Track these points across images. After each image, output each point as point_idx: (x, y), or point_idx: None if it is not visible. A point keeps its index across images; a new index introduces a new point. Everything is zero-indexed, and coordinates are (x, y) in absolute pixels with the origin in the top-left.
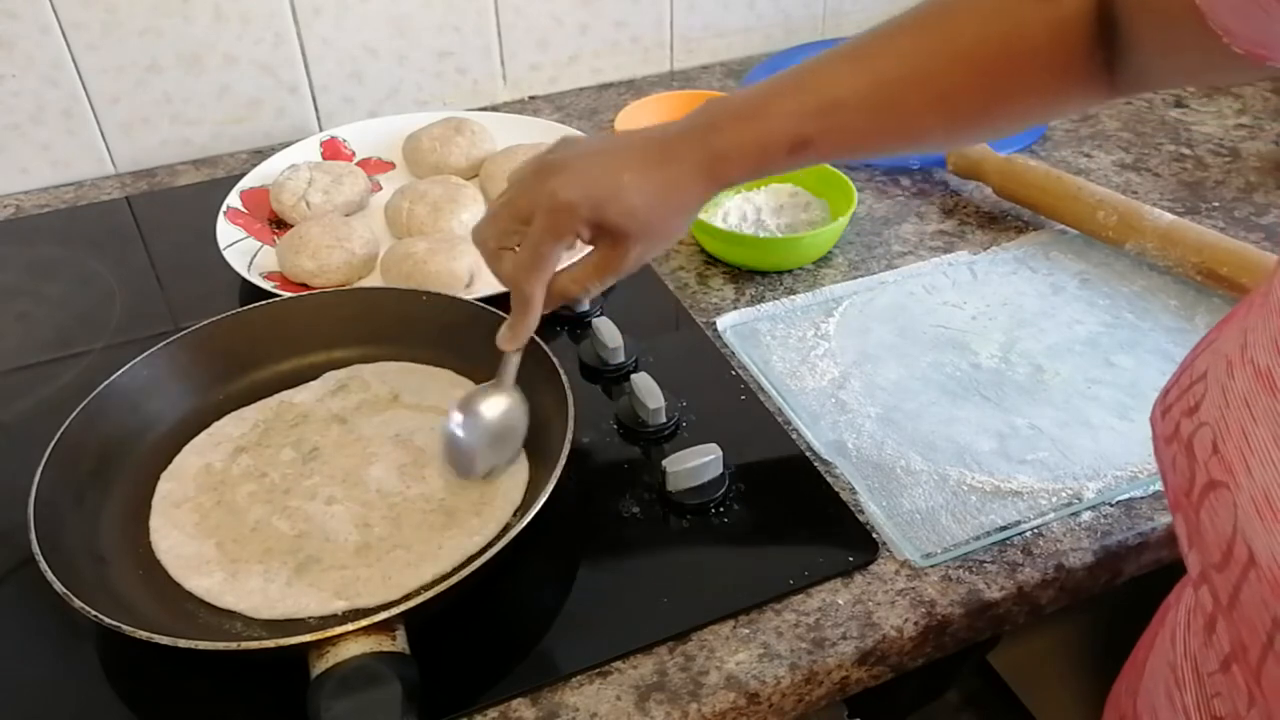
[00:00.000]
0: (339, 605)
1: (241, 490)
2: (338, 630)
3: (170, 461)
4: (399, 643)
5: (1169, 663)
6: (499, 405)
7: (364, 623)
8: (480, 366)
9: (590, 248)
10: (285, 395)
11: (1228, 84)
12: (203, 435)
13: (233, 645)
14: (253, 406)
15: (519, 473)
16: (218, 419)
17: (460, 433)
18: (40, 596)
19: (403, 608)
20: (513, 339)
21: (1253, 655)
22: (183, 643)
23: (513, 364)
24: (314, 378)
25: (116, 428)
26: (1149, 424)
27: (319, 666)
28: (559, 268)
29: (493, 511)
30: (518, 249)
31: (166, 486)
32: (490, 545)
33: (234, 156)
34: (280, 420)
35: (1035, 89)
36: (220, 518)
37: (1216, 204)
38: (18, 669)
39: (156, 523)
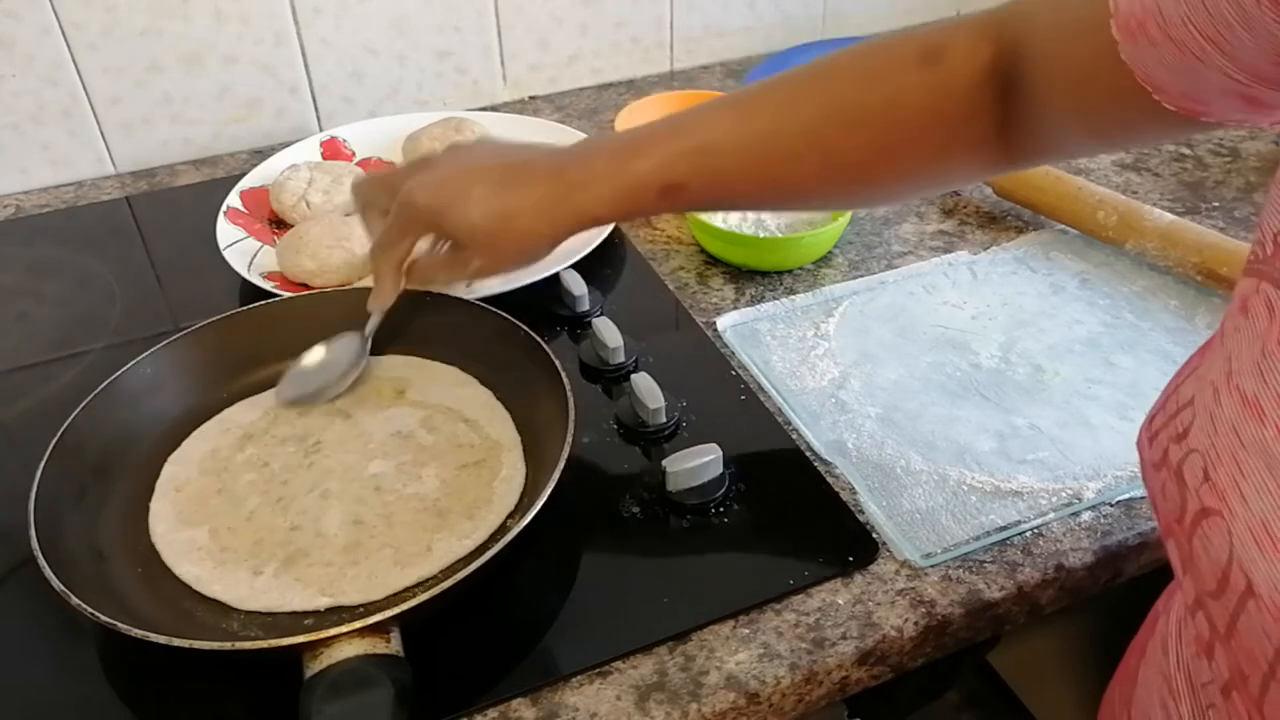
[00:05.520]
0: (323, 601)
1: (242, 478)
2: (332, 631)
3: (176, 449)
4: (393, 645)
5: (1162, 673)
6: (319, 352)
7: (358, 624)
8: (483, 365)
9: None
10: None
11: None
12: (213, 421)
13: (227, 645)
14: (262, 395)
15: (516, 473)
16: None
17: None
18: (40, 596)
19: (396, 609)
20: (371, 300)
21: (1254, 685)
22: (178, 641)
23: (371, 323)
24: None
25: (119, 425)
26: (1136, 448)
27: (312, 668)
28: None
29: (486, 515)
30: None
31: (171, 469)
32: (486, 547)
33: (234, 156)
34: (287, 409)
35: (918, 154)
36: (218, 505)
37: (1216, 204)
38: (18, 669)
39: (157, 506)
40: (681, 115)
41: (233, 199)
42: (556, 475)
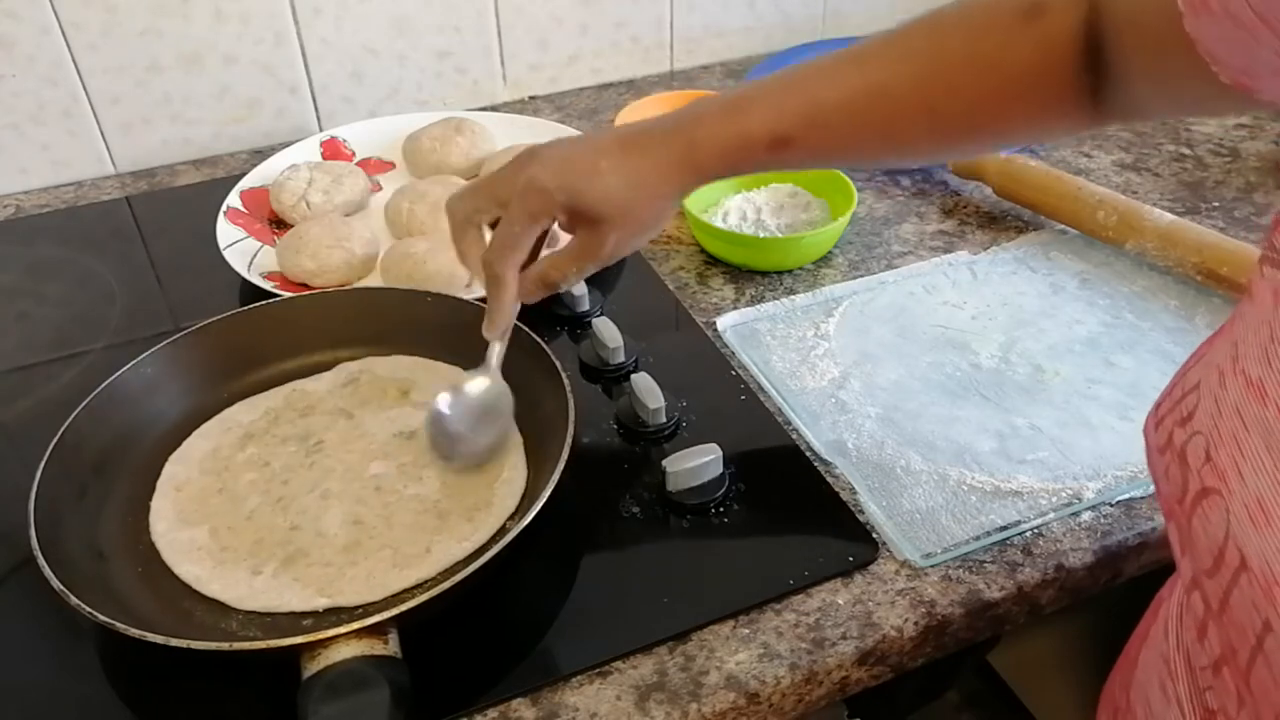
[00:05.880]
0: (321, 602)
1: (243, 478)
2: (330, 632)
3: (177, 448)
4: (391, 646)
5: (1162, 655)
6: (480, 391)
7: (356, 625)
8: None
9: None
10: (297, 384)
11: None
12: (213, 420)
13: (225, 645)
14: (264, 394)
15: (517, 475)
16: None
17: (444, 419)
18: (40, 596)
19: (394, 611)
20: (490, 324)
21: (1242, 658)
22: (176, 642)
23: (496, 351)
24: None
25: (119, 425)
26: (1143, 434)
27: (310, 668)
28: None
29: (485, 517)
30: (490, 232)
31: (172, 469)
32: (485, 549)
33: (234, 156)
34: (290, 409)
35: (1019, 109)
36: (218, 504)
37: (1216, 204)
38: (18, 669)
39: (157, 504)
40: (790, 71)
41: (233, 199)
42: (556, 476)
